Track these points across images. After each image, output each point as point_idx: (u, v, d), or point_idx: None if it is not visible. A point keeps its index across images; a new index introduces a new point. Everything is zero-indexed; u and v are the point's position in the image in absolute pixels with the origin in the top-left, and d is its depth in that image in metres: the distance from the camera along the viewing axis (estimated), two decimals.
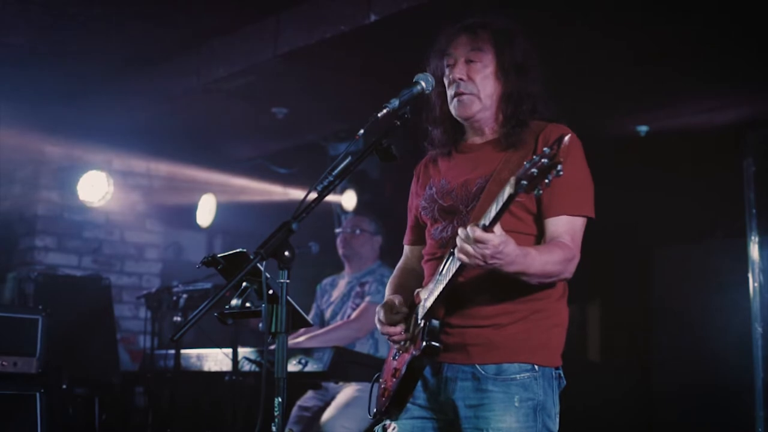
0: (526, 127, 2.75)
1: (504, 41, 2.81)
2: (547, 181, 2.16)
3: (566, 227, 2.65)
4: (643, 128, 6.41)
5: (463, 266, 2.48)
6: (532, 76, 2.81)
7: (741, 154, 5.16)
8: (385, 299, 2.88)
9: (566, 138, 2.14)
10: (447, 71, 2.83)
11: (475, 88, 2.78)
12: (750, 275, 5.27)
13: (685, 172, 6.47)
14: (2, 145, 6.84)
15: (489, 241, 2.33)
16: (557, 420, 2.73)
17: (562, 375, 2.76)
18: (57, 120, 6.88)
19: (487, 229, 2.33)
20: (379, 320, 2.81)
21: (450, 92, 2.83)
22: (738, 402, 5.63)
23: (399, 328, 2.76)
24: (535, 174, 2.17)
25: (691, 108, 6.11)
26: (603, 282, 6.65)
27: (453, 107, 2.82)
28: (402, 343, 2.78)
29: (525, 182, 2.18)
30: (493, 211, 2.31)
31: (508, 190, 2.25)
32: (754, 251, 5.23)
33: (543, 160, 2.15)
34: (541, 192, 2.21)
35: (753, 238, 5.21)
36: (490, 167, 2.73)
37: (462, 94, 2.78)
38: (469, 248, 2.35)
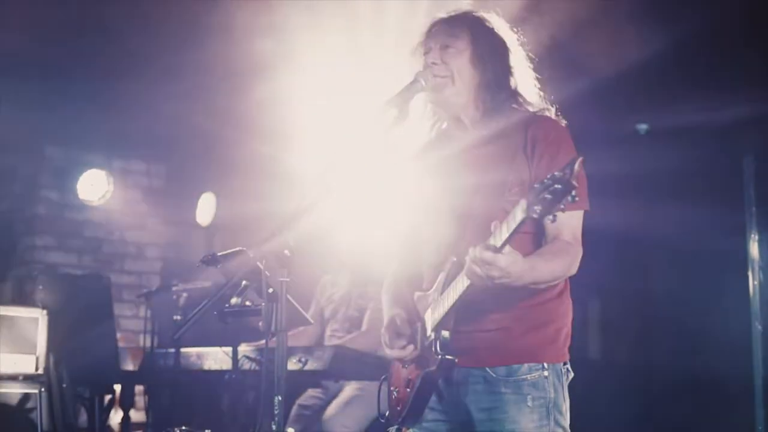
0: (508, 118, 2.72)
1: (481, 29, 2.79)
2: (562, 206, 2.11)
3: (568, 224, 2.62)
4: (643, 126, 6.40)
5: (469, 287, 2.47)
6: (513, 66, 2.79)
7: (741, 151, 5.17)
8: (388, 318, 2.85)
9: (577, 164, 2.08)
10: (424, 60, 2.80)
11: (448, 71, 2.75)
12: (750, 273, 5.28)
13: (685, 170, 6.46)
14: (2, 144, 6.84)
15: (497, 263, 2.30)
16: (568, 415, 2.72)
17: (569, 369, 2.76)
18: (57, 119, 6.88)
19: (497, 250, 2.30)
20: (386, 344, 2.79)
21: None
22: (738, 400, 5.63)
23: (408, 350, 2.74)
24: (549, 199, 2.11)
25: (691, 106, 6.10)
26: (603, 280, 6.63)
27: (427, 95, 2.79)
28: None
29: (538, 207, 2.12)
30: (504, 232, 2.28)
31: (520, 215, 2.20)
32: (754, 249, 5.24)
33: (556, 185, 2.09)
34: (555, 219, 2.17)
35: (753, 235, 5.22)
36: (481, 165, 2.71)
37: (435, 77, 2.74)
38: (478, 270, 2.33)
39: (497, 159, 2.67)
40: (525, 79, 2.82)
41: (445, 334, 2.63)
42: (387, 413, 2.90)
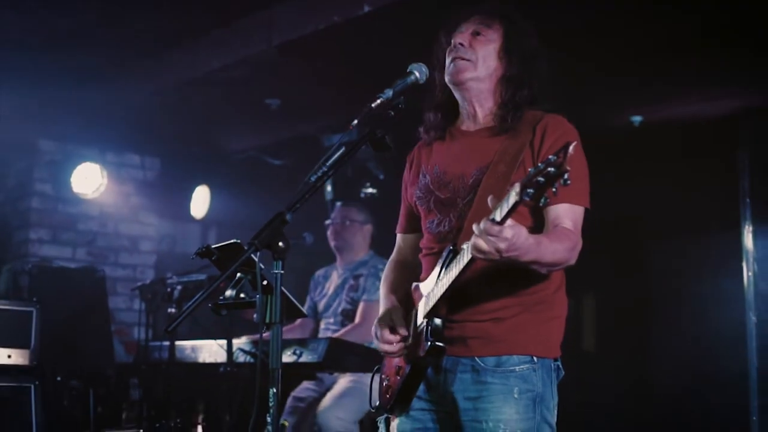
0: (522, 115, 2.73)
1: (514, 27, 2.82)
2: (554, 190, 2.13)
3: (568, 214, 2.63)
4: (637, 118, 6.40)
5: (468, 266, 2.46)
6: (536, 67, 2.80)
7: (735, 143, 5.17)
8: (382, 311, 2.85)
9: (571, 147, 2.10)
10: (451, 40, 2.81)
11: (474, 55, 2.77)
12: (744, 264, 5.29)
13: (680, 162, 6.47)
14: None
15: (503, 234, 2.28)
16: (555, 412, 2.72)
17: (560, 366, 2.76)
18: (51, 112, 6.86)
19: (501, 223, 2.28)
20: (375, 336, 2.79)
21: (448, 59, 2.81)
22: (733, 390, 5.65)
23: (397, 348, 2.73)
24: (542, 182, 2.13)
25: (685, 98, 6.10)
26: (598, 274, 6.64)
27: (447, 72, 2.80)
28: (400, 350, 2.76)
29: (531, 190, 2.15)
30: (505, 208, 2.26)
31: (513, 197, 2.21)
32: (749, 241, 5.26)
33: (549, 169, 2.11)
34: (548, 201, 2.18)
35: (747, 227, 5.24)
36: (486, 158, 2.71)
37: (459, 58, 2.76)
38: (483, 244, 2.31)
39: (503, 153, 2.68)
40: (545, 86, 2.82)
41: (437, 321, 2.63)
42: (377, 403, 2.90)
